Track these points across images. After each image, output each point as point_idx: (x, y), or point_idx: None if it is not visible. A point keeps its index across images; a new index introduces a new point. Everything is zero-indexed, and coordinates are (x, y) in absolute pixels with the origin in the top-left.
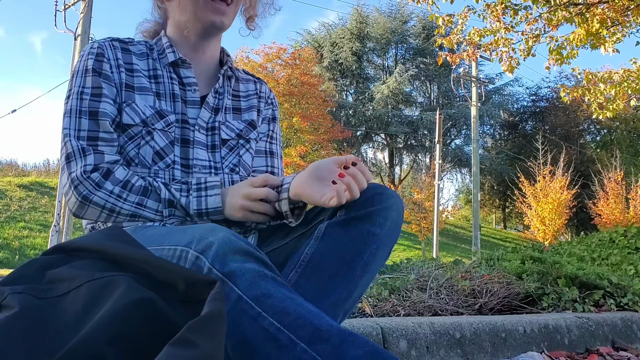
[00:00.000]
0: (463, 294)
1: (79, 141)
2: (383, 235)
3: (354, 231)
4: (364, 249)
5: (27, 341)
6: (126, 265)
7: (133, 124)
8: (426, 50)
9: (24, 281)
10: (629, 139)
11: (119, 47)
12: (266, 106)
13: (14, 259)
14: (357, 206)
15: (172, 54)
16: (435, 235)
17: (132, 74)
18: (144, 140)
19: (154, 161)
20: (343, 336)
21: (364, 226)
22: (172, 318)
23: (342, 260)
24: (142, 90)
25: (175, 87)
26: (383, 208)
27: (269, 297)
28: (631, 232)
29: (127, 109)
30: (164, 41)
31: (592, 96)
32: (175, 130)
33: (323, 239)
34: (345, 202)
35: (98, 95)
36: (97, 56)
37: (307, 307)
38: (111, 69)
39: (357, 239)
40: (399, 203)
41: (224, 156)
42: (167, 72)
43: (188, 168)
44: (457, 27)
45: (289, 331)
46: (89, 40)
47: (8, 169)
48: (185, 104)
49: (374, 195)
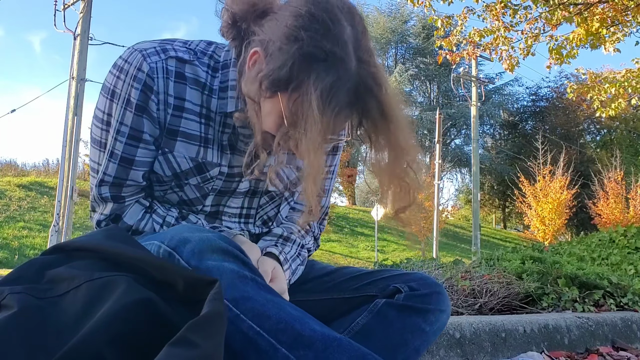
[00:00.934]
0: (463, 294)
1: (102, 188)
2: (430, 334)
3: (407, 320)
4: (410, 341)
5: (26, 341)
6: (126, 265)
7: (164, 175)
8: (426, 49)
9: (23, 281)
10: (629, 139)
11: (174, 72)
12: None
13: (13, 258)
14: (415, 298)
15: (234, 102)
16: (435, 235)
17: (181, 114)
18: (172, 190)
19: (179, 204)
20: (327, 341)
21: (416, 319)
22: (172, 318)
23: (389, 344)
24: (187, 137)
25: (225, 136)
26: (439, 310)
27: (248, 300)
28: (631, 232)
29: (160, 157)
30: (231, 77)
31: (596, 94)
32: (214, 184)
33: (377, 315)
34: None
35: (137, 139)
36: (144, 86)
37: (289, 310)
38: (158, 106)
39: (408, 329)
40: (449, 306)
41: (262, 205)
42: (220, 116)
43: (216, 214)
44: (456, 28)
45: (270, 336)
46: (88, 40)
47: (7, 169)
48: (234, 152)
49: (433, 293)
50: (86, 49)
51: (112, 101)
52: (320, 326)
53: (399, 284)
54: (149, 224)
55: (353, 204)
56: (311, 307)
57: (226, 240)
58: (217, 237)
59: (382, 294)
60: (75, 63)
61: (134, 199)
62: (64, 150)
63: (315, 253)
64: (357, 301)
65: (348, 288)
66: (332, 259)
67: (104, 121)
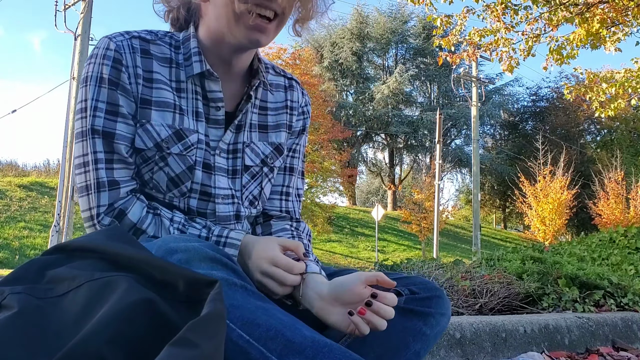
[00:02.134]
0: (463, 294)
1: (94, 173)
2: (431, 338)
3: (408, 323)
4: (411, 343)
5: (26, 341)
6: (126, 266)
7: (146, 148)
8: (426, 50)
9: (24, 281)
10: (629, 139)
11: (139, 48)
12: (298, 117)
13: (14, 259)
14: (416, 302)
15: (199, 64)
16: (436, 235)
17: (151, 85)
18: (158, 166)
19: (168, 188)
20: (317, 347)
21: (417, 322)
22: (172, 318)
23: (390, 347)
24: (161, 106)
25: (199, 103)
26: (439, 314)
27: (237, 308)
28: (631, 232)
29: (139, 130)
30: (193, 46)
31: (595, 94)
32: (196, 153)
33: None
34: (368, 332)
35: (114, 114)
36: (114, 62)
37: (279, 317)
38: (129, 79)
39: (409, 331)
40: (450, 310)
41: (244, 184)
42: (191, 85)
43: (209, 197)
44: (455, 27)
45: (260, 344)
46: (89, 40)
47: (8, 169)
48: (208, 122)
49: (434, 297)
50: (87, 50)
51: (86, 86)
52: (310, 332)
53: (399, 288)
54: (152, 224)
55: (353, 204)
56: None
57: (214, 249)
58: (205, 246)
59: None
60: (76, 63)
61: (130, 188)
62: (64, 151)
63: (316, 253)
64: None
65: None
66: (333, 259)
67: (83, 109)
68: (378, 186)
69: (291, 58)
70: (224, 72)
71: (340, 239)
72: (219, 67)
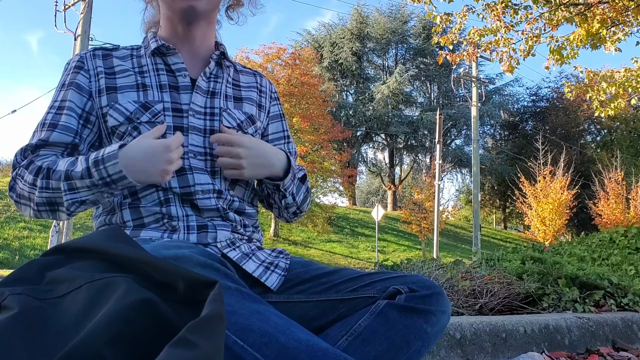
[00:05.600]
0: (463, 294)
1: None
2: (432, 335)
3: (409, 321)
4: (413, 341)
5: (26, 342)
6: (126, 266)
7: (118, 123)
8: (426, 50)
9: (24, 282)
10: (629, 139)
11: (100, 55)
12: (272, 102)
13: (14, 259)
14: (416, 299)
15: (155, 42)
16: (436, 235)
17: (115, 76)
18: (132, 136)
19: None
20: (312, 352)
21: (418, 320)
22: (172, 319)
23: (392, 345)
24: (124, 89)
25: (162, 77)
26: (440, 311)
27: (232, 314)
28: (631, 232)
29: (110, 111)
30: (149, 35)
31: (595, 94)
32: (165, 119)
33: (379, 316)
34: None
35: (61, 108)
36: (75, 69)
37: (274, 321)
38: (89, 79)
39: (410, 330)
40: (450, 307)
41: None
42: (152, 64)
43: (183, 155)
44: (455, 26)
45: (254, 350)
46: (89, 40)
47: (8, 169)
48: (177, 90)
49: (434, 294)
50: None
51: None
52: (306, 334)
53: (399, 286)
54: (45, 163)
55: (353, 205)
56: (308, 308)
57: (205, 254)
58: (196, 252)
59: (381, 296)
60: None
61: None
62: None
63: (316, 253)
64: (355, 302)
65: (346, 289)
66: (333, 259)
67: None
68: (378, 186)
69: (291, 58)
70: (188, 51)
71: (341, 239)
72: (181, 46)
